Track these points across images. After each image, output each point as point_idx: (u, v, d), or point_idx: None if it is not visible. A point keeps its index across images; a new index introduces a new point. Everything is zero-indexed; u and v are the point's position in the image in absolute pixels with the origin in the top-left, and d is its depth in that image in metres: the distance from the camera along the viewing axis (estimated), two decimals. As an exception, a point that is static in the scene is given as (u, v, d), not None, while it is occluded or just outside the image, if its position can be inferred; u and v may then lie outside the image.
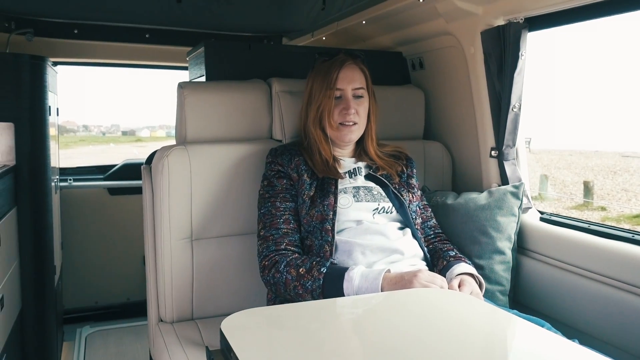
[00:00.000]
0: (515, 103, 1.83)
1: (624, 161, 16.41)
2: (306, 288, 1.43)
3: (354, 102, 1.65)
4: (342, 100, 1.65)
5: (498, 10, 1.76)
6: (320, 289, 1.41)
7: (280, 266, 1.49)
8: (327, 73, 1.65)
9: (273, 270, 1.50)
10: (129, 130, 35.88)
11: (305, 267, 1.45)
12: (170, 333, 1.67)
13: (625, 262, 1.51)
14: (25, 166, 2.23)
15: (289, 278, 1.46)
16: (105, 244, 3.24)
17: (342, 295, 1.38)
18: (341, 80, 1.64)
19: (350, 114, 1.63)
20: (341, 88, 1.65)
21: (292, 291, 1.46)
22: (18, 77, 2.21)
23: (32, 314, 2.28)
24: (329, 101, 1.64)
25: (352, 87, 1.65)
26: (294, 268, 1.46)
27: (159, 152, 1.76)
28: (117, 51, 3.07)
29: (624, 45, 27.07)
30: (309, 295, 1.43)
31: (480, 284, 1.53)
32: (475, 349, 0.99)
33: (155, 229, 1.76)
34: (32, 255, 2.26)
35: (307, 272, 1.44)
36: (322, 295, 1.41)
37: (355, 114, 1.65)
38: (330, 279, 1.41)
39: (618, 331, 1.51)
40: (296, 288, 1.45)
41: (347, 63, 1.66)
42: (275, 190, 1.62)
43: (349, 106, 1.63)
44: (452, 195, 1.95)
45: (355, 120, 1.65)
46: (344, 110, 1.63)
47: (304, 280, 1.43)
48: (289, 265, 1.48)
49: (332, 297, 1.39)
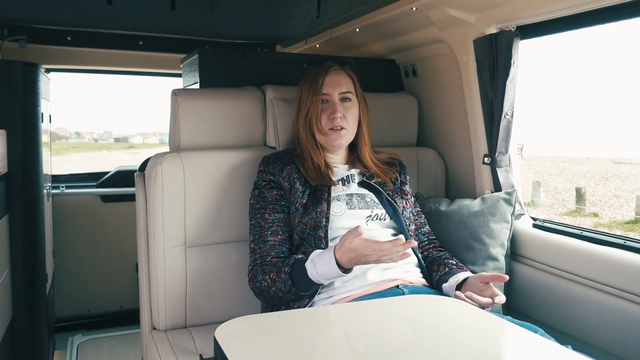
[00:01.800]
0: (507, 110, 1.84)
1: (615, 167, 16.53)
2: (283, 290, 1.47)
3: (341, 107, 1.66)
4: (329, 105, 1.66)
5: (490, 18, 1.78)
6: (294, 288, 1.45)
7: (258, 276, 1.54)
8: (314, 79, 1.67)
9: (254, 280, 1.55)
10: (122, 137, 35.72)
11: (275, 271, 1.49)
12: (163, 341, 1.66)
13: (617, 268, 1.52)
14: (18, 173, 2.22)
15: (266, 285, 1.51)
16: (98, 251, 3.21)
17: (313, 284, 1.43)
18: (327, 85, 1.66)
19: (337, 118, 1.64)
20: (327, 93, 1.66)
21: (274, 296, 1.51)
22: (11, 84, 2.20)
23: (23, 323, 2.26)
24: (315, 106, 1.66)
25: (339, 92, 1.66)
26: (267, 274, 1.51)
27: (153, 159, 1.76)
28: (111, 58, 3.06)
29: (616, 52, 27.39)
30: (290, 295, 1.47)
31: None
32: (469, 355, 0.99)
33: (148, 237, 1.75)
34: (23, 263, 2.25)
35: (276, 275, 1.48)
36: (300, 292, 1.45)
37: (343, 118, 1.65)
38: (297, 275, 1.45)
39: (611, 337, 1.52)
40: (275, 293, 1.49)
41: (333, 68, 1.68)
42: (265, 201, 1.63)
43: (336, 109, 1.64)
44: (445, 201, 1.95)
45: (343, 125, 1.65)
46: (331, 115, 1.64)
47: (277, 284, 1.48)
48: (263, 273, 1.52)
49: (307, 289, 1.45)
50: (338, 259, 1.39)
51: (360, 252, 1.35)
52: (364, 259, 1.37)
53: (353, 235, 1.36)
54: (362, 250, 1.35)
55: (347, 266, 1.40)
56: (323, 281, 1.44)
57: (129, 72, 3.31)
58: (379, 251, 1.33)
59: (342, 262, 1.39)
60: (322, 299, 1.51)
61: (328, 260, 1.40)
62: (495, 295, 1.42)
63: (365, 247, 1.34)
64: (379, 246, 1.33)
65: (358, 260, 1.38)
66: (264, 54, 2.94)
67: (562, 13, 1.58)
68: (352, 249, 1.36)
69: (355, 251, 1.36)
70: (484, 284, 1.46)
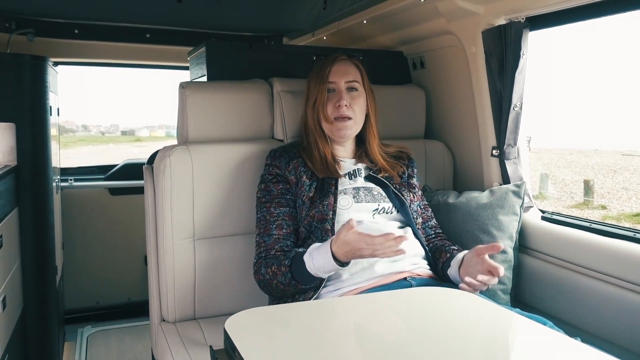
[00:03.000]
0: (516, 102, 1.83)
1: (624, 160, 16.40)
2: (284, 283, 1.48)
3: (347, 95, 1.65)
4: (335, 94, 1.66)
5: (499, 9, 1.76)
6: (294, 281, 1.46)
7: (262, 269, 1.55)
8: (321, 69, 1.68)
9: (258, 273, 1.56)
10: (129, 130, 35.77)
11: (276, 264, 1.50)
12: (172, 333, 1.67)
13: (626, 261, 1.52)
14: (27, 166, 2.23)
15: (268, 278, 1.52)
16: (106, 244, 3.24)
17: (312, 277, 1.44)
18: (334, 73, 1.66)
19: (343, 107, 1.64)
20: (333, 81, 1.66)
21: (277, 289, 1.52)
22: (19, 78, 2.21)
23: (33, 315, 2.28)
24: (322, 95, 1.66)
25: (345, 80, 1.66)
26: (269, 267, 1.52)
27: (161, 152, 1.77)
28: (118, 51, 3.07)
29: (624, 44, 27.02)
30: (291, 288, 1.48)
31: None
32: (478, 348, 0.99)
33: (157, 229, 1.76)
34: (33, 256, 2.27)
35: (277, 268, 1.50)
36: (300, 285, 1.46)
37: (349, 107, 1.65)
38: (297, 269, 1.46)
39: (620, 329, 1.51)
40: (277, 286, 1.51)
41: (340, 58, 1.69)
42: (271, 195, 1.63)
43: (341, 97, 1.64)
44: (453, 194, 1.95)
45: (349, 114, 1.65)
46: (337, 103, 1.64)
47: (278, 277, 1.49)
48: (266, 266, 1.53)
49: (307, 283, 1.46)
50: (334, 252, 1.38)
51: (354, 246, 1.34)
52: (358, 253, 1.35)
53: (346, 228, 1.35)
54: (355, 243, 1.34)
55: (343, 259, 1.39)
56: (321, 274, 1.43)
57: (136, 65, 3.31)
58: (372, 245, 1.32)
59: (338, 255, 1.38)
60: (329, 291, 1.51)
61: (325, 253, 1.40)
62: (494, 268, 1.40)
63: (358, 240, 1.33)
64: (371, 240, 1.31)
65: (353, 254, 1.37)
66: (271, 46, 2.94)
67: (571, 4, 1.56)
68: (346, 242, 1.35)
69: (349, 244, 1.35)
70: (480, 258, 1.45)
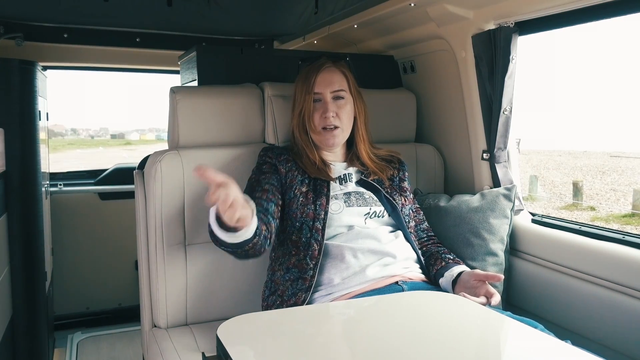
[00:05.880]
0: (506, 106, 1.84)
1: (612, 161, 16.58)
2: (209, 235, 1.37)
3: (334, 105, 1.65)
4: (321, 104, 1.66)
5: (489, 14, 1.78)
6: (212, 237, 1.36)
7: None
8: (306, 77, 1.67)
9: None
10: (118, 134, 35.60)
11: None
12: (164, 339, 1.66)
13: (616, 263, 1.53)
14: (16, 171, 2.21)
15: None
16: (96, 249, 3.22)
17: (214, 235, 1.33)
18: (319, 84, 1.65)
19: (330, 117, 1.63)
20: (319, 92, 1.65)
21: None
22: (8, 82, 2.19)
23: (23, 321, 2.26)
24: (308, 105, 1.66)
25: (331, 90, 1.66)
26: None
27: (152, 157, 1.76)
28: (108, 55, 3.05)
29: (613, 47, 27.36)
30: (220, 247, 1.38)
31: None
32: (469, 351, 1.00)
33: (148, 234, 1.75)
34: (22, 262, 2.25)
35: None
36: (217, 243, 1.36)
37: (336, 117, 1.64)
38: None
39: (610, 332, 1.53)
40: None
41: (325, 66, 1.67)
42: (261, 173, 1.62)
43: (327, 109, 1.64)
44: (444, 197, 1.96)
45: (336, 123, 1.65)
46: (323, 114, 1.64)
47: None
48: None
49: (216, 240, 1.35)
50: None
51: None
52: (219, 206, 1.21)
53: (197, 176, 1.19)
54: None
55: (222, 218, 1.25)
56: (218, 233, 1.31)
57: (126, 69, 3.30)
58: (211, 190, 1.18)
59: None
60: (321, 296, 1.51)
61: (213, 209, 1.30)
62: (491, 295, 1.40)
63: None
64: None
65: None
66: (262, 50, 2.93)
67: (560, 9, 1.58)
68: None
69: None
70: (477, 282, 1.46)
